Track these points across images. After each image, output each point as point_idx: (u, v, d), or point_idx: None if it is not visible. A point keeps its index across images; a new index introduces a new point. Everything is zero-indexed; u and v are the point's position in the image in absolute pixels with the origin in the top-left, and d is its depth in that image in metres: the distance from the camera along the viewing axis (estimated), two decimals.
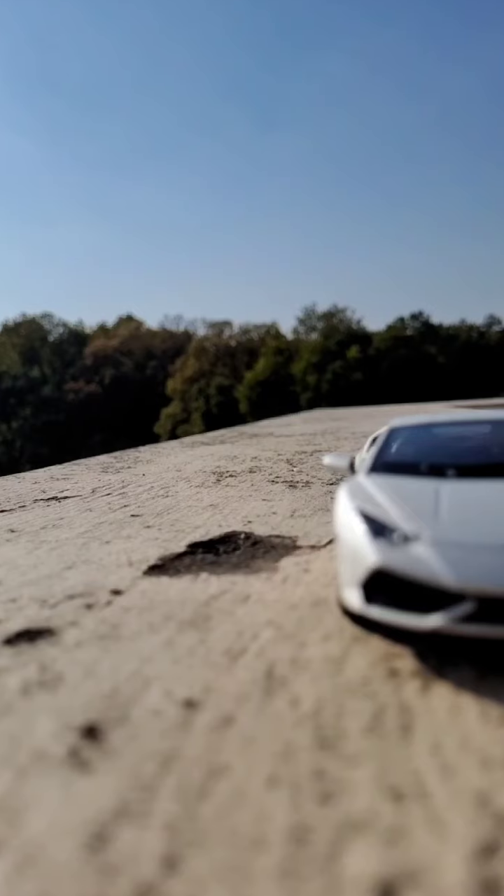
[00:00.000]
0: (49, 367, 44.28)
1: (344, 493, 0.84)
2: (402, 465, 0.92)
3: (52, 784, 0.52)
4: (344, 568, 0.76)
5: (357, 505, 0.78)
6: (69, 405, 40.11)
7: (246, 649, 0.77)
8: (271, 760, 0.53)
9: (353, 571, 0.74)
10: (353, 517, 0.76)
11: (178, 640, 0.81)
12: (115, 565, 1.20)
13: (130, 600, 0.98)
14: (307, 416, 9.04)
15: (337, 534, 0.80)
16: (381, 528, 0.73)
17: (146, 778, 0.52)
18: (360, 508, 0.77)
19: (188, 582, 1.06)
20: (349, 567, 0.74)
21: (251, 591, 0.99)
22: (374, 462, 0.95)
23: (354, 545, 0.74)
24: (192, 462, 3.03)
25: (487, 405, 8.53)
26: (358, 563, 0.72)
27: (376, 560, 0.70)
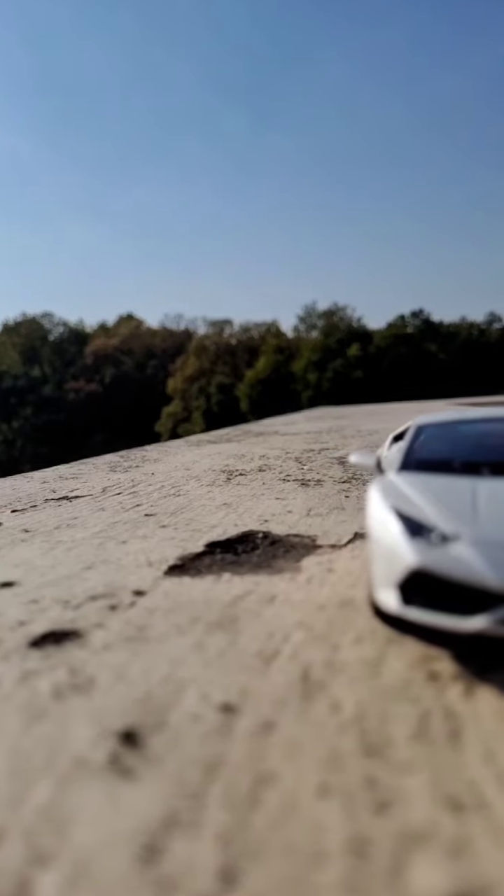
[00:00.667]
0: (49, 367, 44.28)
1: (376, 492, 0.82)
2: (434, 463, 0.91)
3: (95, 792, 0.50)
4: (378, 568, 0.75)
5: (392, 503, 0.77)
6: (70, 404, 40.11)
7: (278, 652, 0.76)
8: (319, 768, 0.52)
9: (388, 572, 0.72)
10: (388, 516, 0.75)
11: (207, 643, 0.80)
12: (134, 565, 1.18)
13: (154, 601, 0.97)
14: (310, 414, 9.04)
15: (369, 533, 0.79)
16: (418, 527, 0.72)
17: (192, 785, 0.50)
18: (395, 507, 0.76)
19: (211, 582, 1.05)
20: (384, 567, 0.73)
21: (276, 592, 0.98)
22: (404, 460, 0.93)
23: (390, 545, 0.72)
24: (200, 461, 3.01)
25: (489, 402, 8.51)
26: (394, 564, 0.71)
27: (415, 560, 0.68)
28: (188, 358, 37.98)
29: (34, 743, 0.58)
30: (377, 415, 7.20)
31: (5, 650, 0.81)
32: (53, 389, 41.93)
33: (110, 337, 44.57)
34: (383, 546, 0.74)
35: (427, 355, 31.11)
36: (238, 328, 40.80)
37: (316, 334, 35.49)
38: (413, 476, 0.86)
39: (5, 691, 0.69)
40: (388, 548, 0.73)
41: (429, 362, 30.71)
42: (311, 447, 3.40)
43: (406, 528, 0.72)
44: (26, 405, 40.22)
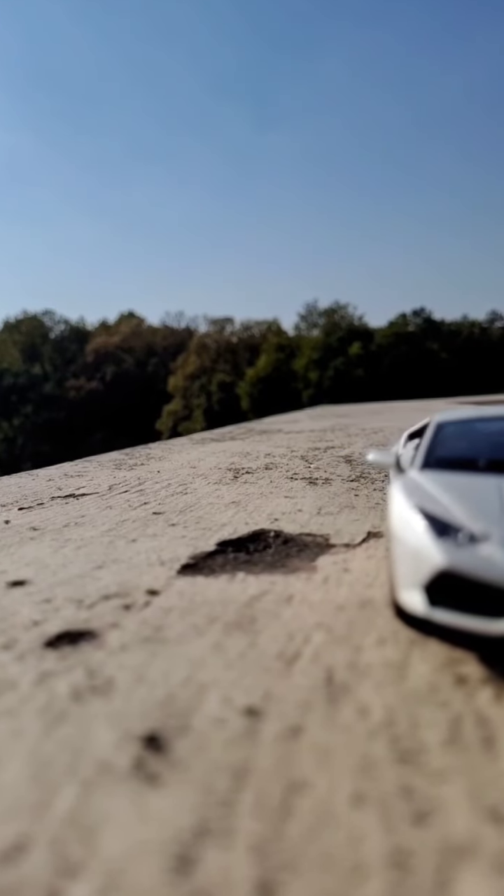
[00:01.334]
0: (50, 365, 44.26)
1: (399, 491, 0.81)
2: (457, 461, 0.89)
3: (122, 799, 0.49)
4: (402, 569, 0.73)
5: (416, 502, 0.75)
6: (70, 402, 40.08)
7: (300, 653, 0.74)
8: (351, 775, 0.50)
9: (413, 573, 0.71)
10: (413, 516, 0.73)
11: (226, 644, 0.78)
12: (146, 564, 1.17)
13: (169, 601, 0.95)
14: (312, 412, 9.02)
15: (392, 532, 0.77)
16: (444, 527, 0.70)
17: (221, 793, 0.49)
18: (420, 506, 0.74)
19: (225, 582, 1.03)
20: (409, 568, 0.72)
21: (293, 592, 0.96)
22: (426, 458, 0.92)
23: (415, 545, 0.71)
24: (206, 459, 3.00)
25: (491, 402, 8.49)
26: (420, 565, 0.69)
27: (442, 561, 0.67)
28: (189, 356, 37.96)
29: (56, 747, 0.57)
30: (380, 413, 7.19)
31: (21, 650, 0.79)
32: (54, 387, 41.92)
33: (111, 335, 44.54)
34: (408, 546, 0.72)
35: (428, 354, 31.09)
36: (239, 326, 40.79)
37: (317, 332, 35.46)
38: (436, 474, 0.85)
39: (23, 693, 0.68)
40: (413, 548, 0.71)
41: (430, 361, 30.69)
42: (317, 445, 3.38)
43: (432, 528, 0.70)
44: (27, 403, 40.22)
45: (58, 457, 4.31)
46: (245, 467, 2.57)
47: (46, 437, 38.06)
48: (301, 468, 2.46)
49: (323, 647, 0.75)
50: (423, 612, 0.69)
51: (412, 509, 0.74)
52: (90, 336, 45.74)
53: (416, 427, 1.26)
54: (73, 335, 46.58)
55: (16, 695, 0.67)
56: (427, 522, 0.71)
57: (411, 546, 0.71)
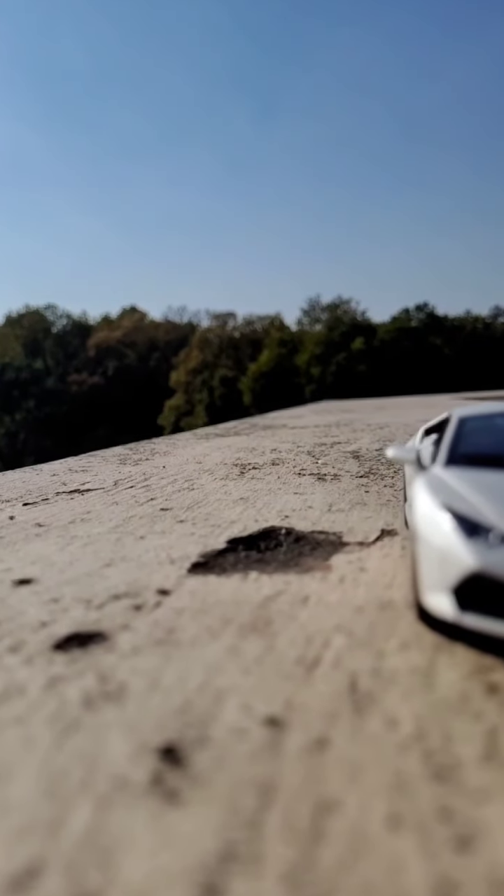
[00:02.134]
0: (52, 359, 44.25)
1: (424, 488, 0.77)
2: (483, 458, 0.86)
3: (140, 818, 0.46)
4: (427, 571, 0.70)
5: (443, 500, 0.72)
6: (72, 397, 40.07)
7: (320, 658, 0.71)
8: (385, 794, 0.47)
9: (440, 575, 0.67)
10: (440, 514, 0.70)
11: (242, 647, 0.75)
12: (155, 563, 1.14)
13: (180, 601, 0.92)
14: (316, 407, 8.98)
15: (417, 533, 0.74)
16: (473, 526, 0.67)
17: (246, 812, 0.46)
18: (448, 505, 0.71)
19: (238, 581, 1.00)
20: (435, 570, 0.68)
21: (309, 593, 0.93)
22: (450, 454, 0.88)
23: (443, 546, 0.67)
24: (211, 454, 2.96)
25: (496, 397, 8.46)
26: (448, 567, 0.66)
27: (473, 563, 0.63)
28: (191, 351, 37.91)
29: (68, 759, 0.53)
30: (384, 409, 7.15)
31: (29, 653, 0.76)
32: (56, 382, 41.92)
33: (113, 329, 44.51)
34: (434, 547, 0.69)
35: (431, 349, 31.02)
36: (241, 321, 40.72)
37: (320, 327, 35.38)
38: (461, 471, 0.81)
39: (32, 699, 0.65)
40: (441, 549, 0.68)
41: (433, 356, 30.62)
42: (323, 441, 3.35)
43: (461, 528, 0.67)
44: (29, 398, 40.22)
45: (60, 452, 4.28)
46: (251, 463, 2.54)
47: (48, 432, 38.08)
48: (308, 464, 2.43)
49: (344, 652, 0.72)
50: (451, 617, 0.66)
51: (439, 508, 0.71)
52: (92, 330, 45.71)
53: (432, 422, 1.23)
54: (75, 329, 46.55)
55: (25, 701, 0.64)
56: (456, 522, 0.68)
57: (438, 547, 0.68)
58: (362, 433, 3.78)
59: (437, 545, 0.68)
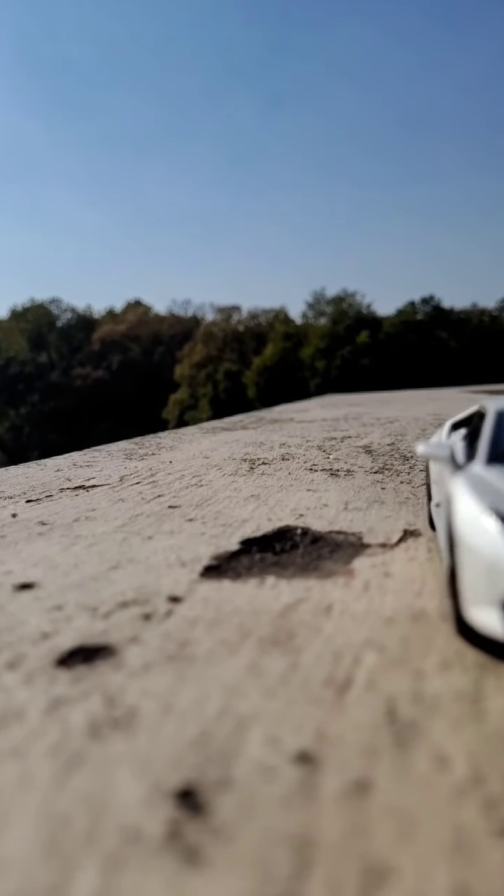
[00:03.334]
0: (57, 353, 44.16)
1: (465, 490, 0.70)
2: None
3: (156, 884, 0.39)
4: (472, 581, 0.63)
5: (490, 504, 0.65)
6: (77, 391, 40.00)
7: (351, 679, 0.64)
8: (445, 856, 0.40)
9: (488, 587, 0.60)
10: (486, 520, 0.63)
11: (264, 665, 0.68)
12: (165, 565, 1.07)
13: (193, 609, 0.85)
14: (322, 401, 8.89)
15: (458, 538, 0.67)
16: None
17: (281, 879, 0.39)
18: (497, 509, 0.64)
19: (254, 587, 0.93)
20: (482, 582, 0.61)
21: (332, 601, 0.86)
22: (491, 450, 0.81)
23: (491, 555, 0.60)
24: (218, 448, 2.89)
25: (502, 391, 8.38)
26: (497, 578, 0.59)
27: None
28: (195, 344, 37.80)
29: (71, 803, 0.47)
30: (391, 402, 7.06)
31: (29, 670, 0.69)
32: (60, 376, 41.86)
33: (118, 323, 44.40)
34: (481, 556, 0.62)
35: (437, 342, 30.87)
36: (246, 314, 40.54)
37: (324, 321, 35.22)
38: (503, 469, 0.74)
39: (33, 726, 0.58)
40: (489, 557, 0.61)
41: (439, 350, 30.46)
42: (332, 435, 3.27)
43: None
44: (33, 391, 40.17)
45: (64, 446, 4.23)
46: (261, 458, 2.46)
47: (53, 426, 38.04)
48: (320, 459, 2.35)
49: (378, 672, 0.65)
50: (501, 634, 0.59)
51: (486, 512, 0.64)
52: (97, 324, 45.59)
53: (460, 416, 1.15)
54: (79, 323, 46.44)
55: (23, 728, 0.57)
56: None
57: (486, 556, 0.61)
58: (372, 427, 3.70)
59: (483, 553, 0.61)
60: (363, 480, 1.84)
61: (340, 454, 2.48)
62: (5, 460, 22.54)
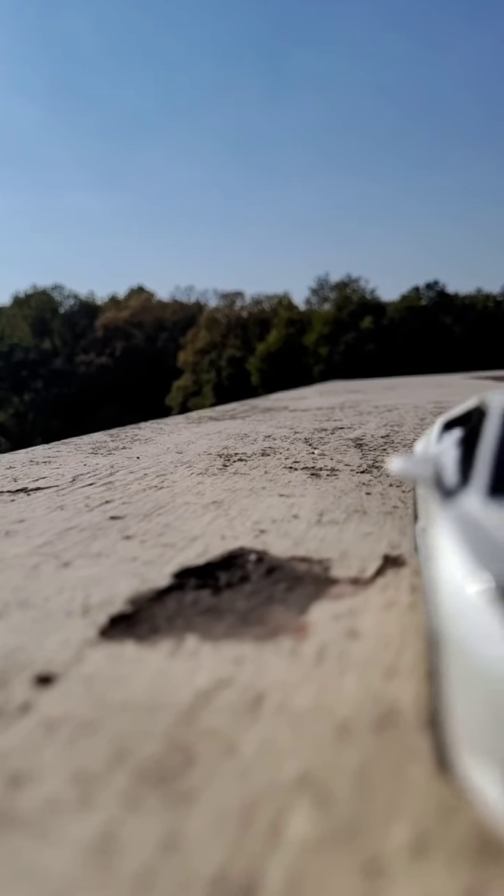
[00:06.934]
0: (60, 340, 43.93)
1: (453, 545, 0.42)
2: None
3: None
4: (467, 715, 0.36)
5: (496, 577, 0.37)
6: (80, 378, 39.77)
7: (260, 878, 0.37)
8: None
9: (492, 733, 0.33)
10: (492, 611, 0.36)
11: (123, 839, 0.41)
12: (62, 613, 0.80)
13: (62, 703, 0.58)
14: (322, 388, 8.58)
15: (447, 636, 0.40)
16: None
17: None
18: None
19: (166, 656, 0.66)
20: (482, 719, 0.34)
21: (266, 685, 0.59)
22: (495, 475, 0.53)
23: (496, 679, 0.33)
24: (197, 441, 2.62)
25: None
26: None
27: None
28: (199, 331, 37.48)
29: None
30: (393, 389, 6.76)
31: None
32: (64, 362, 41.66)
33: (121, 310, 44.11)
34: (481, 674, 0.35)
35: (442, 328, 30.46)
36: (249, 300, 40.14)
37: (328, 307, 34.81)
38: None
39: None
40: (493, 679, 0.34)
41: (443, 335, 30.07)
42: (324, 426, 3.00)
43: None
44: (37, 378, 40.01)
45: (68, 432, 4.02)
46: (238, 453, 2.19)
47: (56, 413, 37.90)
48: (303, 454, 2.08)
49: (304, 864, 0.38)
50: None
51: (489, 594, 0.37)
52: (100, 311, 45.30)
53: (455, 412, 0.88)
54: (82, 310, 46.17)
55: None
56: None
57: (489, 674, 0.34)
58: (368, 416, 3.42)
59: (485, 670, 0.34)
60: (347, 482, 1.56)
61: (328, 448, 2.21)
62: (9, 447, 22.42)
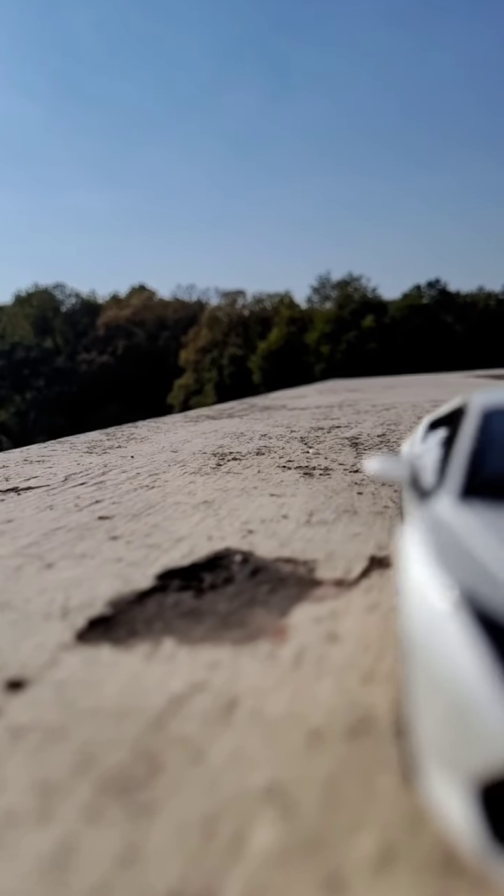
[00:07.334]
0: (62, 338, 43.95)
1: (421, 551, 0.41)
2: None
3: None
4: (431, 729, 0.35)
5: (463, 585, 0.36)
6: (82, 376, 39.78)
7: (221, 890, 0.36)
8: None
9: (455, 748, 0.32)
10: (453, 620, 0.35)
11: (81, 851, 0.40)
12: (42, 615, 0.79)
13: (32, 708, 0.57)
14: (322, 387, 8.57)
15: (412, 645, 0.39)
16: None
17: None
18: (471, 599, 0.35)
19: (141, 660, 0.65)
20: (445, 733, 0.33)
21: (241, 689, 0.58)
22: (469, 476, 0.51)
23: (460, 687, 0.32)
24: (193, 440, 2.61)
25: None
26: (468, 733, 0.31)
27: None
28: (200, 329, 37.47)
29: None
30: (393, 388, 6.74)
31: None
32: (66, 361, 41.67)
33: (122, 308, 44.13)
34: (441, 680, 0.34)
35: (443, 326, 30.40)
36: (251, 299, 40.12)
37: (330, 305, 34.76)
38: (491, 512, 0.45)
39: None
40: (459, 695, 0.32)
41: (445, 333, 30.02)
42: (320, 425, 2.98)
43: (496, 658, 0.32)
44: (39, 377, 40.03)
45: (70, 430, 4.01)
46: (233, 452, 2.18)
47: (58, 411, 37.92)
48: (298, 453, 2.07)
49: (265, 879, 0.37)
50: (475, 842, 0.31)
51: (452, 603, 0.35)
52: (101, 309, 45.33)
53: (440, 413, 0.87)
54: (84, 308, 46.19)
55: None
56: (487, 641, 0.33)
57: (452, 686, 0.33)
58: (366, 415, 3.41)
59: (447, 679, 0.33)
60: (339, 482, 1.55)
61: (323, 447, 2.20)
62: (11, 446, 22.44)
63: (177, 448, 2.39)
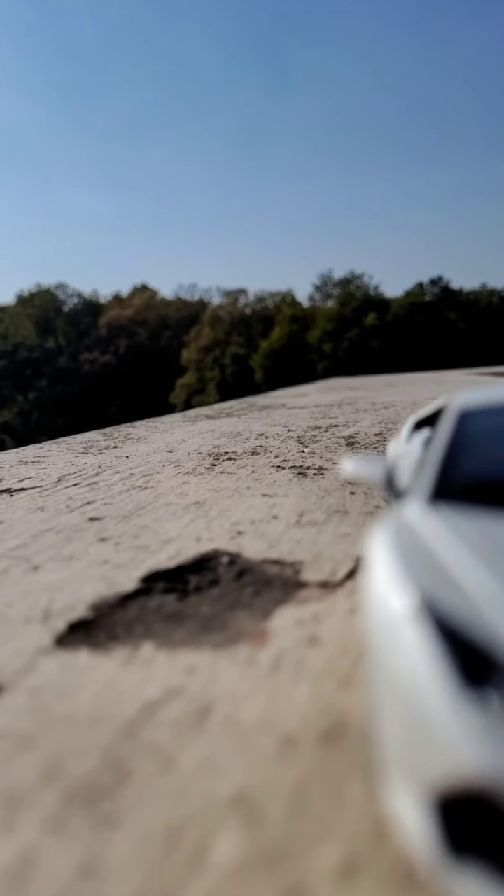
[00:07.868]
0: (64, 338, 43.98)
1: (385, 560, 0.40)
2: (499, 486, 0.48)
3: None
4: (391, 738, 0.34)
5: (423, 597, 0.35)
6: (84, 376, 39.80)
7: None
8: None
9: (412, 759, 0.31)
10: (412, 626, 0.34)
11: (43, 862, 0.39)
12: (23, 619, 0.78)
13: (3, 715, 0.56)
14: (323, 385, 8.55)
15: (373, 650, 0.38)
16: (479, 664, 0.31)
17: None
18: (431, 606, 0.34)
19: (118, 665, 0.65)
20: (403, 743, 0.32)
21: (217, 695, 0.57)
22: (439, 478, 0.50)
23: (417, 695, 0.31)
24: (189, 440, 2.61)
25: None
26: (424, 745, 0.30)
27: (475, 763, 0.27)
28: (202, 328, 37.47)
29: None
30: (394, 386, 6.72)
31: None
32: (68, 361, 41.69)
33: (124, 308, 44.13)
34: (399, 686, 0.33)
35: (446, 324, 30.36)
36: (253, 298, 40.11)
37: (332, 303, 34.72)
38: (460, 516, 0.44)
39: None
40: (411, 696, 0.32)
41: (448, 331, 29.97)
42: (318, 424, 2.98)
43: (454, 666, 0.31)
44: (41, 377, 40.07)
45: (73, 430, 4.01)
46: (229, 452, 2.17)
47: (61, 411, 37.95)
48: (293, 453, 2.06)
49: (231, 887, 0.36)
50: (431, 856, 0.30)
51: (411, 609, 0.35)
52: (103, 309, 45.34)
53: (426, 412, 0.86)
54: (86, 308, 46.21)
55: None
56: (444, 649, 0.32)
57: (409, 693, 0.32)
58: (364, 414, 3.40)
59: (404, 687, 0.32)
60: (332, 482, 1.54)
61: (319, 446, 2.19)
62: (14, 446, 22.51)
63: (173, 448, 2.38)
